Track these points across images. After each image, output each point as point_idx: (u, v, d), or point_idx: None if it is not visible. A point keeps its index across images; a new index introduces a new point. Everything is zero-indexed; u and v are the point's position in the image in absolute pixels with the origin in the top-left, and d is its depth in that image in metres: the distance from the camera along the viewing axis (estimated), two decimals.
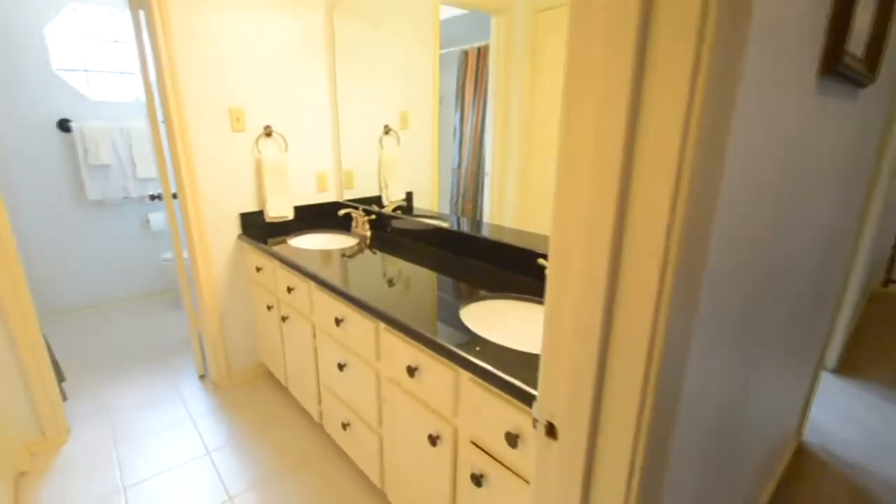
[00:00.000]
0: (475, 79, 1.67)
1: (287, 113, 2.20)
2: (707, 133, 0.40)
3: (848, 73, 0.69)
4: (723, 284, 0.60)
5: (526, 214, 1.58)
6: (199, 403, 2.18)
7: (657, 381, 0.46)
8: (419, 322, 1.14)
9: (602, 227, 0.45)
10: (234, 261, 2.20)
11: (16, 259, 1.68)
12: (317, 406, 1.83)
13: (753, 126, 0.52)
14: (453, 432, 1.09)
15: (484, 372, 0.92)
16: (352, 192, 2.42)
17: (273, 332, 2.10)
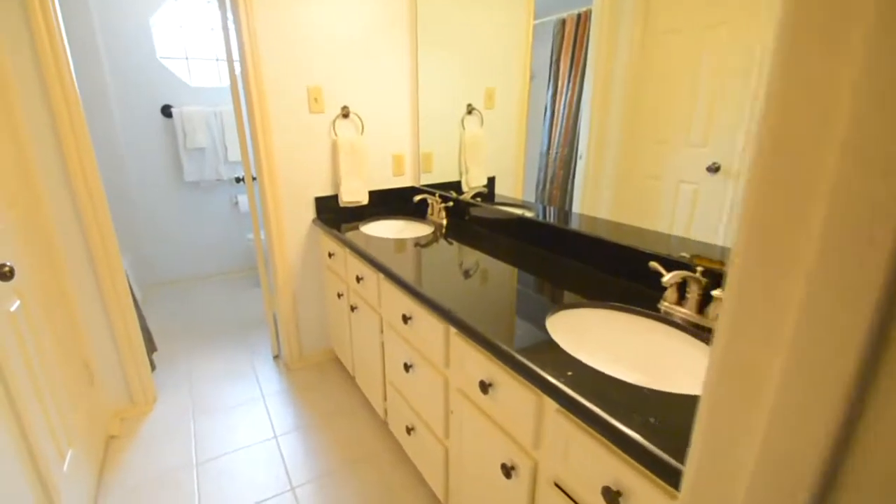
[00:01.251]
0: (572, 50, 1.48)
1: (365, 93, 2.13)
2: None
3: None
4: None
5: (624, 206, 1.35)
6: (272, 384, 2.23)
7: None
8: (496, 330, 0.98)
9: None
10: (309, 245, 2.21)
11: (112, 237, 1.80)
12: (382, 402, 1.77)
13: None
14: (532, 467, 0.92)
15: (578, 406, 0.74)
16: (429, 177, 2.30)
17: (342, 320, 2.07)
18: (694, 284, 1.05)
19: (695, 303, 1.05)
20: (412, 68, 2.21)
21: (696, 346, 0.98)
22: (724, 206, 1.08)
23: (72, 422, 1.47)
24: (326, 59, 2.00)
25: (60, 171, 1.66)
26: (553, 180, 1.63)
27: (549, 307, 1.10)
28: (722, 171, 1.07)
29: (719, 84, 1.05)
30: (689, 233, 1.16)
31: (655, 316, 1.06)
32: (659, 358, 1.03)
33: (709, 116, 1.07)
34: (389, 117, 2.23)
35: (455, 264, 1.47)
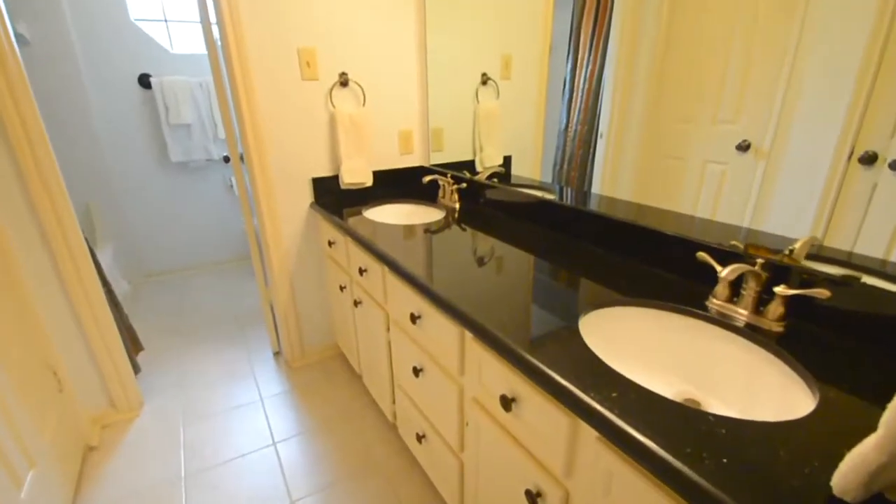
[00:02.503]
0: (594, 19, 1.39)
1: (366, 57, 2.00)
2: None
3: None
4: None
5: (647, 188, 1.27)
6: (271, 385, 2.19)
7: None
8: (518, 334, 0.90)
9: None
10: (307, 232, 2.13)
11: (73, 226, 1.70)
12: (391, 405, 1.71)
13: None
14: (563, 498, 0.84)
15: (626, 438, 0.65)
16: (440, 156, 2.19)
17: (346, 315, 2.01)
18: (752, 280, 0.94)
19: (751, 301, 0.95)
20: (419, 31, 2.07)
21: (756, 354, 0.88)
22: (752, 188, 1.02)
23: (33, 440, 1.40)
24: (320, 15, 1.86)
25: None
26: (571, 160, 1.55)
27: (580, 306, 1.01)
28: (752, 150, 1.02)
29: (754, 53, 0.97)
30: (715, 216, 1.11)
31: (703, 316, 0.96)
32: (709, 367, 0.94)
33: (741, 89, 1.02)
34: (395, 87, 2.11)
35: (470, 254, 1.37)
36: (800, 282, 0.94)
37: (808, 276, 0.92)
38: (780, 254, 0.99)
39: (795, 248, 0.97)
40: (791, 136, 0.94)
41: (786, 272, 0.95)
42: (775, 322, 0.92)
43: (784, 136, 0.95)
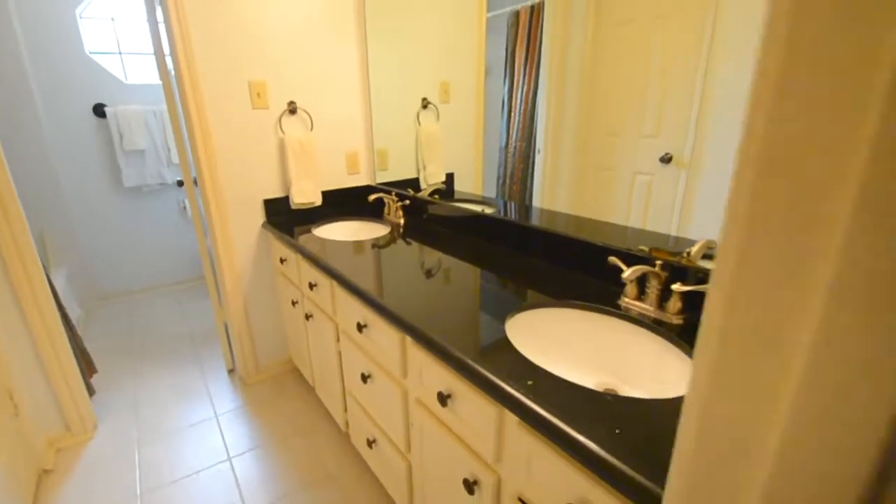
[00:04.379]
0: (527, 43, 1.44)
1: (313, 87, 2.01)
2: None
3: None
4: None
5: (583, 199, 1.33)
6: (226, 401, 2.10)
7: None
8: (451, 336, 0.92)
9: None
10: (259, 250, 2.08)
11: (31, 251, 1.62)
12: (343, 414, 1.68)
13: None
14: (495, 482, 0.87)
15: (538, 418, 0.69)
16: (386, 175, 2.22)
17: (299, 329, 1.97)
18: (654, 279, 1.02)
19: (655, 298, 1.02)
20: (361, 61, 2.11)
21: (660, 344, 0.94)
22: (676, 197, 1.07)
23: None
24: (269, 51, 1.87)
25: None
26: (513, 175, 1.60)
27: (508, 309, 1.05)
28: (674, 161, 1.06)
29: (669, 74, 1.03)
30: (647, 224, 1.15)
31: (616, 313, 1.03)
32: (622, 358, 1.00)
33: (660, 107, 1.06)
34: (340, 113, 2.13)
35: (411, 266, 1.40)
36: (696, 279, 1.02)
37: (703, 274, 1.00)
38: (679, 255, 1.07)
39: (693, 251, 1.05)
40: (707, 147, 0.99)
41: (684, 271, 1.03)
42: (675, 315, 0.99)
43: (701, 148, 1.00)
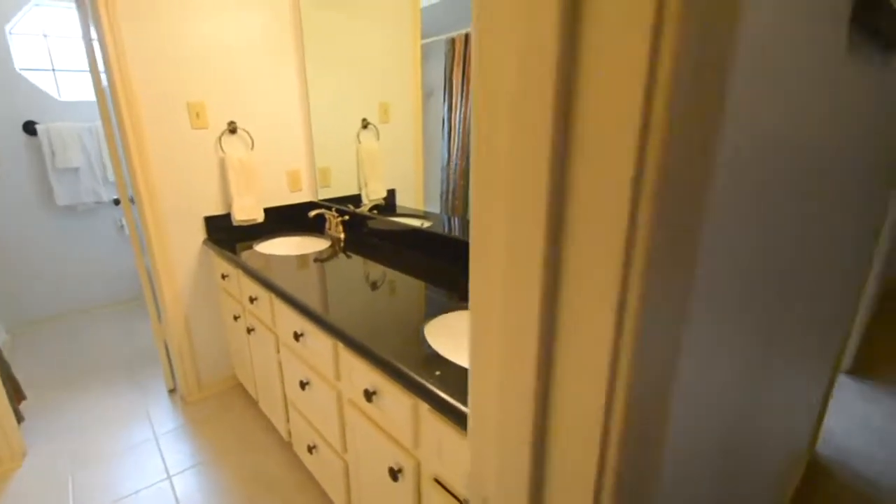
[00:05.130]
0: (463, 67, 1.55)
1: (253, 108, 2.05)
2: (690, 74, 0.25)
3: (884, 32, 0.54)
4: (723, 278, 0.45)
5: None
6: (167, 421, 2.04)
7: (621, 444, 0.32)
8: (376, 339, 1.00)
9: (530, 192, 0.30)
10: (201, 267, 2.07)
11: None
12: (285, 424, 1.70)
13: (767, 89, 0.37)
14: (415, 467, 0.95)
15: (441, 402, 0.77)
16: (328, 191, 2.27)
17: (241, 343, 1.96)
18: None
19: None
20: (301, 83, 2.17)
21: None
22: None
23: None
24: (208, 73, 1.90)
25: None
26: (455, 191, 1.68)
27: (433, 313, 1.14)
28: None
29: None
30: None
31: None
32: None
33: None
34: (281, 132, 2.17)
35: (347, 277, 1.46)
36: None
37: None
38: None
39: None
40: None
41: None
42: None
43: None
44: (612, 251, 0.27)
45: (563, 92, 0.26)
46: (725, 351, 0.48)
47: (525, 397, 0.34)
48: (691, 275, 0.34)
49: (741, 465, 0.81)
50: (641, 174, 0.24)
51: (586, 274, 0.28)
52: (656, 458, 0.40)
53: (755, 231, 0.46)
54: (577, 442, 0.33)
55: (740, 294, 0.46)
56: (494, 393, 0.36)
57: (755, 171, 0.41)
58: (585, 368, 0.31)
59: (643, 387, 0.32)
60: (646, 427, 0.34)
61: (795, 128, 0.45)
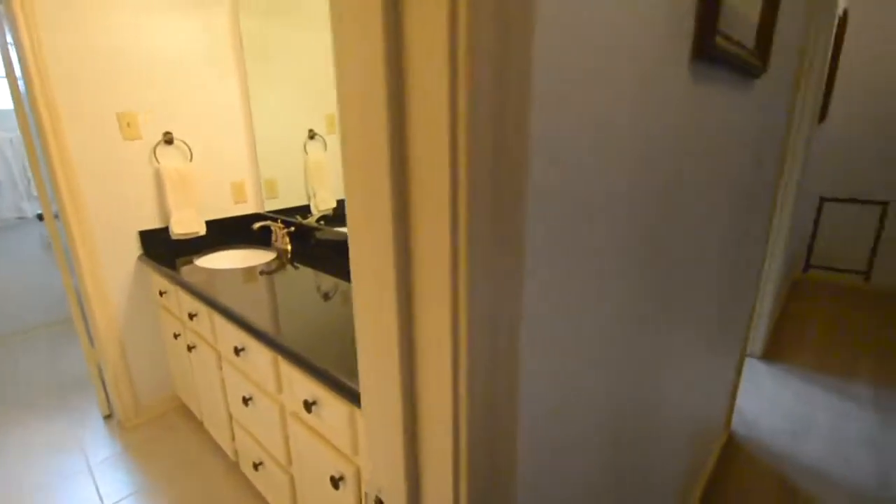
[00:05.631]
0: None
1: (192, 118, 1.99)
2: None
3: (727, 59, 0.63)
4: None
5: None
6: (101, 449, 1.92)
7: (468, 423, 0.36)
8: (316, 349, 1.00)
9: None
10: (137, 285, 1.97)
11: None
12: (231, 443, 1.65)
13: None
14: (355, 473, 0.96)
15: None
16: (275, 203, 2.23)
17: (183, 362, 1.89)
18: None
19: None
20: (243, 93, 2.13)
21: None
22: None
23: None
24: (140, 82, 1.83)
25: None
26: None
27: None
28: None
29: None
30: None
31: None
32: None
33: None
34: (223, 143, 2.11)
35: (292, 289, 1.45)
36: None
37: None
38: None
39: None
40: None
41: None
42: None
43: None
44: (442, 227, 0.31)
45: (395, 104, 0.31)
46: (579, 334, 0.53)
47: (393, 384, 0.37)
48: (520, 259, 0.38)
49: (638, 443, 0.89)
50: (455, 163, 0.29)
51: (427, 264, 0.33)
52: (509, 429, 0.43)
53: (603, 225, 0.53)
54: (438, 425, 0.37)
55: (587, 282, 0.51)
56: (374, 387, 0.40)
57: (593, 175, 0.47)
58: (435, 345, 0.35)
59: (485, 365, 0.35)
60: (493, 403, 0.38)
61: (634, 140, 0.52)
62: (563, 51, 0.37)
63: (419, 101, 0.30)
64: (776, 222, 2.19)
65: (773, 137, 1.33)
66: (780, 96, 1.31)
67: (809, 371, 2.31)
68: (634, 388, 0.73)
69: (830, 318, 2.88)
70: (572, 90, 0.40)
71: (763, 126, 1.12)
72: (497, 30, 0.29)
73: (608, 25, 0.44)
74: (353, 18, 0.31)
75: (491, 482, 0.40)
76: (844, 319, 2.85)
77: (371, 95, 0.31)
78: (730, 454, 1.79)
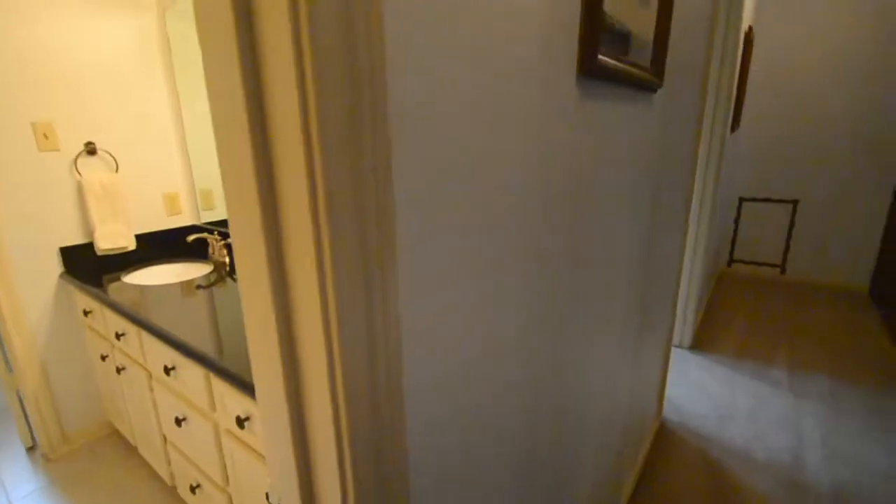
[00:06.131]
0: None
1: (117, 127, 1.88)
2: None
3: (615, 76, 0.69)
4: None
5: None
6: (24, 485, 1.76)
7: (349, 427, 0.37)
8: (246, 364, 0.98)
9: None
10: (59, 304, 1.83)
11: None
12: (167, 468, 1.56)
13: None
14: None
15: None
16: (212, 214, 2.15)
17: (112, 385, 1.77)
18: None
19: None
20: (173, 100, 2.04)
21: None
22: None
23: None
24: (57, 90, 1.71)
25: None
26: None
27: None
28: None
29: None
30: None
31: None
32: None
33: None
34: (153, 153, 2.01)
35: (228, 303, 1.40)
36: None
37: None
38: None
39: None
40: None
41: None
42: None
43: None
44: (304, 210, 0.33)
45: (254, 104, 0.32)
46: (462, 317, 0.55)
47: (278, 378, 0.38)
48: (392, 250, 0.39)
49: (560, 435, 0.94)
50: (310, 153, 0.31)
51: (299, 265, 0.35)
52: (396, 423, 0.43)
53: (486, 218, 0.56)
54: (323, 431, 0.38)
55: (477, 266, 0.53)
56: (266, 391, 0.41)
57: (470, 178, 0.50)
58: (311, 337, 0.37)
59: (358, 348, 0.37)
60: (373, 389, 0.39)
61: (520, 153, 0.56)
62: (428, 59, 0.40)
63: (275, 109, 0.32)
64: (698, 221, 2.36)
65: (681, 144, 1.44)
66: (687, 107, 1.42)
67: (733, 358, 2.50)
68: (548, 382, 0.77)
69: (751, 308, 3.13)
70: (443, 101, 0.42)
71: (668, 134, 1.21)
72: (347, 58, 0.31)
73: (481, 50, 0.47)
74: (213, 41, 0.32)
75: (381, 493, 0.41)
76: (764, 309, 3.10)
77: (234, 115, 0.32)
78: (662, 441, 1.90)
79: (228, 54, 0.31)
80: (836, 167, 3.23)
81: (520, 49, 0.50)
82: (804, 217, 3.41)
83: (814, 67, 3.14)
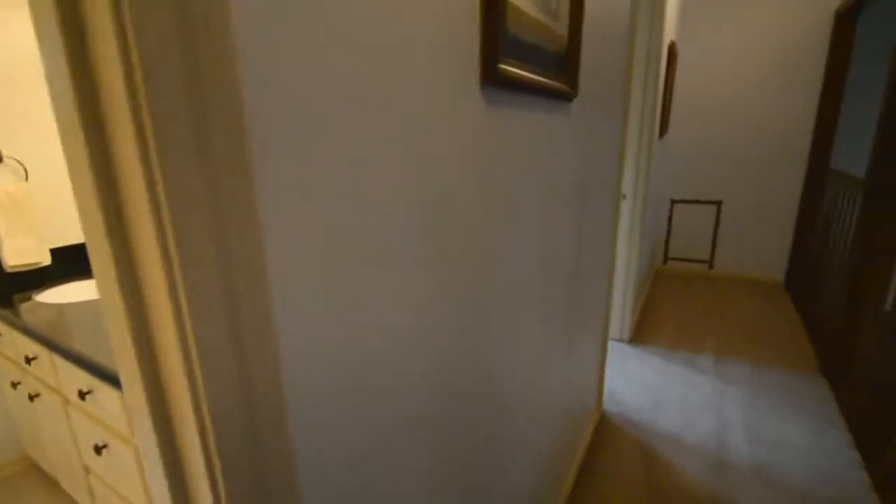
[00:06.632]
0: None
1: (27, 133, 1.72)
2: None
3: (521, 85, 0.71)
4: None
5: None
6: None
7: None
8: None
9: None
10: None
11: None
12: (90, 500, 1.44)
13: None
14: None
15: None
16: None
17: (27, 414, 1.61)
18: None
19: None
20: None
21: None
22: None
23: None
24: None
25: None
26: None
27: None
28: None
29: None
30: None
31: None
32: None
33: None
34: None
35: None
36: None
37: None
38: None
39: None
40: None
41: None
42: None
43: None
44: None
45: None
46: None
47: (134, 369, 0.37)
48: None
49: (490, 431, 0.95)
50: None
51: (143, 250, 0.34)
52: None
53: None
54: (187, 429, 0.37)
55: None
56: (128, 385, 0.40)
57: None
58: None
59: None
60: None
61: (419, 160, 0.56)
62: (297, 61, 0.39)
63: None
64: (631, 221, 2.49)
65: (606, 149, 1.51)
66: (610, 115, 1.50)
67: (667, 349, 2.65)
68: (469, 377, 0.78)
69: (684, 301, 3.34)
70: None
71: (591, 140, 1.27)
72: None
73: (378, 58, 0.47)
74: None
75: (257, 489, 0.40)
76: (695, 302, 3.32)
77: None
78: (601, 431, 1.98)
79: (58, 55, 0.31)
80: (755, 169, 3.52)
81: (415, 57, 0.51)
82: (728, 216, 3.68)
83: (735, 78, 3.41)
